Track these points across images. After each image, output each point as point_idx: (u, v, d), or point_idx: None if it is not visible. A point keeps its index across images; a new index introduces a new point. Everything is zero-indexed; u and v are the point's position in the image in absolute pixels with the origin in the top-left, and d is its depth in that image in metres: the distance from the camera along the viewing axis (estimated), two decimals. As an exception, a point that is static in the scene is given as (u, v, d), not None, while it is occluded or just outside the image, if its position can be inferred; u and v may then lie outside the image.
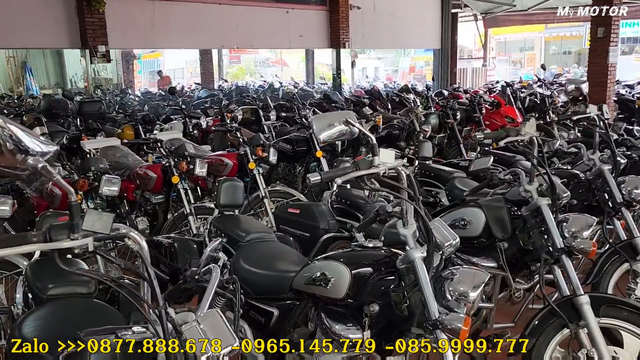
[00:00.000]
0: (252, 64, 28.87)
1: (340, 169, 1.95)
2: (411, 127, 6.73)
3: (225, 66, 26.75)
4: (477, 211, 2.71)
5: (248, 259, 2.42)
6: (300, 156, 5.45)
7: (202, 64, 17.08)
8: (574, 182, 3.46)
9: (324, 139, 2.07)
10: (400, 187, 1.99)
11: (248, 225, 2.82)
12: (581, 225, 2.57)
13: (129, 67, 20.07)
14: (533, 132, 2.78)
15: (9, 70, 19.26)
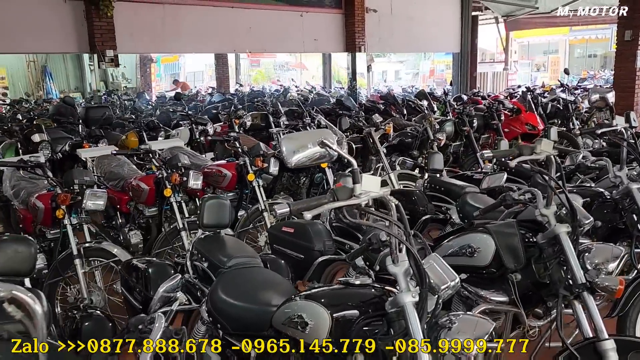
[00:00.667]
0: (271, 67, 28.74)
1: (314, 199, 1.65)
2: (425, 135, 6.41)
3: (245, 70, 26.71)
4: (486, 237, 2.39)
5: (227, 289, 2.18)
6: (304, 166, 5.16)
7: (218, 68, 16.94)
8: (598, 202, 3.14)
9: (296, 164, 1.79)
10: (388, 219, 1.71)
11: (232, 248, 2.58)
12: (606, 256, 2.27)
13: (147, 70, 20.07)
14: (550, 151, 2.46)
15: (30, 74, 19.45)
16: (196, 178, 4.03)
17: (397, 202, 1.82)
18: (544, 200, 2.34)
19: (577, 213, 2.24)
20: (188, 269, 2.57)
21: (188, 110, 10.20)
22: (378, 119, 5.53)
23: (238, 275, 2.31)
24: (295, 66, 28.10)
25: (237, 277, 2.29)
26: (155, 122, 6.99)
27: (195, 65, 25.10)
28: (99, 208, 3.50)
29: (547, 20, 15.81)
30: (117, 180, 4.54)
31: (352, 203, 1.72)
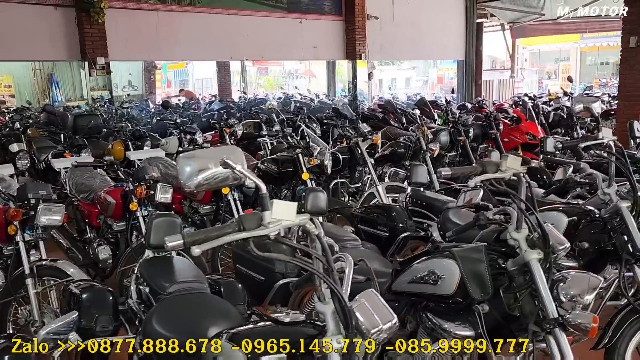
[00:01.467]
0: (280, 75, 28.62)
1: (214, 229, 1.43)
2: (417, 145, 6.18)
3: (254, 78, 26.58)
4: (450, 263, 2.16)
5: (161, 319, 1.98)
6: (287, 177, 4.96)
7: (220, 76, 16.84)
8: (585, 221, 2.88)
9: (196, 187, 1.56)
10: None
11: (177, 271, 2.38)
12: (582, 287, 2.04)
13: (151, 77, 20.04)
14: (518, 168, 2.24)
15: (36, 82, 19.54)
16: (164, 191, 3.83)
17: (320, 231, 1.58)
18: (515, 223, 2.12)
19: (549, 238, 2.01)
20: (132, 293, 2.39)
21: (182, 118, 10.09)
22: (366, 129, 5.31)
23: (176, 303, 2.10)
24: (303, 73, 27.95)
25: (174, 305, 2.09)
26: (141, 131, 6.82)
27: (204, 72, 25.09)
28: (54, 224, 3.26)
29: (553, 27, 15.52)
30: (88, 192, 4.35)
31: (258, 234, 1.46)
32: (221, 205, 4.39)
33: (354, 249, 2.67)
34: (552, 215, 2.89)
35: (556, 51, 26.30)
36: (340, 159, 5.46)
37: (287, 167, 4.88)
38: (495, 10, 15.33)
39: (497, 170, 1.97)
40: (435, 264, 2.21)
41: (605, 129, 2.78)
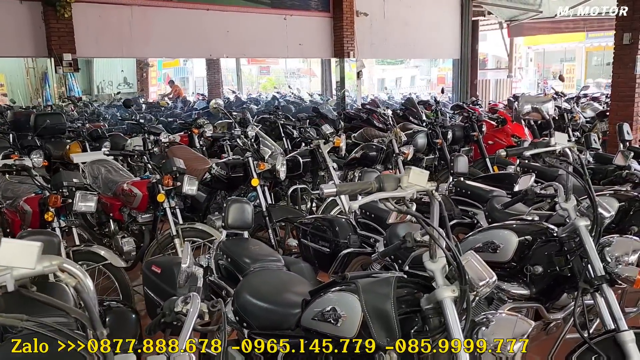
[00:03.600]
0: (282, 75, 28.20)
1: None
2: (390, 147, 5.78)
3: (253, 77, 26.17)
4: (353, 299, 1.78)
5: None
6: (239, 183, 4.57)
7: (209, 74, 16.47)
8: (541, 240, 2.48)
9: None
10: None
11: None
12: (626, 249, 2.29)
13: (143, 75, 19.71)
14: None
15: (28, 81, 19.32)
16: (83, 200, 3.47)
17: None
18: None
19: (465, 272, 1.66)
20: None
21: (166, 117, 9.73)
22: (328, 130, 4.90)
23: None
24: (304, 72, 27.51)
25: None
26: (99, 131, 6.45)
27: (204, 71, 24.68)
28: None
29: (551, 26, 15.04)
30: (12, 198, 4.06)
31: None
32: (159, 215, 4.01)
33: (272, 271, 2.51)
34: (500, 233, 2.51)
35: (561, 51, 25.82)
36: (300, 163, 5.07)
37: (237, 171, 4.49)
38: (492, 7, 14.86)
39: (397, 187, 1.57)
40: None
41: (559, 134, 2.37)
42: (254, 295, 2.17)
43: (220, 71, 16.54)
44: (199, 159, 5.12)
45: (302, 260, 2.82)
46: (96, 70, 19.51)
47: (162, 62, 22.44)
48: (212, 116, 8.93)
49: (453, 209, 3.74)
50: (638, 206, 3.08)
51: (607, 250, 2.33)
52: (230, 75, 22.82)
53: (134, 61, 18.25)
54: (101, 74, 19.98)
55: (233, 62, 20.50)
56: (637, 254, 2.29)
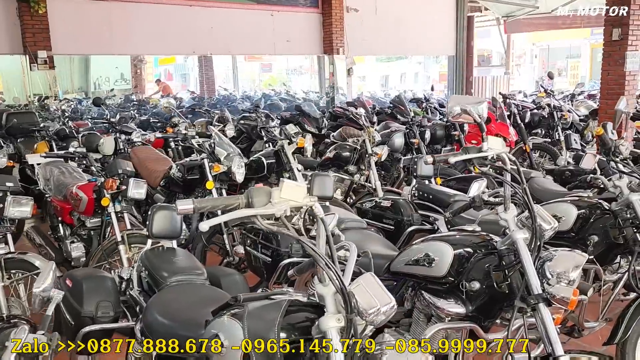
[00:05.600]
0: (284, 72, 27.95)
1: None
2: (363, 148, 5.57)
3: (254, 74, 25.94)
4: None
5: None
6: (196, 185, 4.37)
7: (201, 71, 16.28)
8: (479, 253, 2.27)
9: None
10: None
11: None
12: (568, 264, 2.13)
13: (137, 72, 19.57)
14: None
15: (25, 79, 19.26)
16: (15, 205, 3.29)
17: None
18: None
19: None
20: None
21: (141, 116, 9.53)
22: (292, 130, 4.70)
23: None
24: (307, 70, 27.20)
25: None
26: (66, 130, 6.27)
27: None
28: None
29: (548, 22, 14.74)
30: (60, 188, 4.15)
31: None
32: (106, 219, 3.83)
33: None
34: (436, 245, 2.31)
35: (566, 47, 25.48)
36: (264, 164, 4.88)
37: (193, 174, 4.29)
38: (488, 3, 14.59)
39: (267, 202, 1.38)
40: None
41: (493, 139, 2.15)
42: (161, 312, 2.03)
43: (212, 68, 16.35)
44: (160, 160, 4.94)
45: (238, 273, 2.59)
46: (93, 67, 19.53)
47: (157, 59, 22.33)
48: (197, 114, 8.75)
49: (412, 214, 3.62)
50: (599, 214, 2.87)
51: (548, 265, 2.13)
52: (226, 73, 22.64)
53: (129, 58, 18.15)
54: (98, 71, 20.00)
55: (228, 59, 20.33)
56: (579, 270, 2.08)
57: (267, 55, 13.31)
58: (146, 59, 20.12)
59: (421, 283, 2.36)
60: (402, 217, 3.57)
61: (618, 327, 2.49)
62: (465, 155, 2.10)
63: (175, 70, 24.72)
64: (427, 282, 2.32)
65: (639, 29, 7.00)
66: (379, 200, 3.80)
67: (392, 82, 24.74)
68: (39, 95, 8.96)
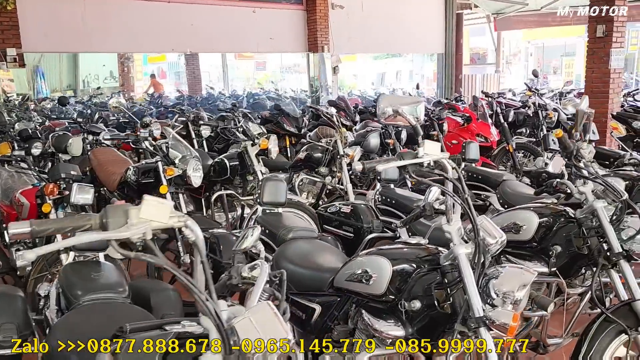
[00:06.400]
0: (278, 70, 27.68)
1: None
2: (335, 149, 5.37)
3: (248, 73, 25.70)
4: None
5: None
6: (151, 189, 4.15)
7: (188, 69, 16.05)
8: (423, 270, 2.07)
9: None
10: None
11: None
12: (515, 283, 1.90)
13: (124, 70, 19.36)
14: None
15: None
16: None
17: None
18: None
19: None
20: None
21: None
22: (255, 131, 4.48)
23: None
24: (303, 68, 26.88)
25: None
26: (29, 130, 6.05)
27: (204, 65, 24.22)
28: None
29: (538, 19, 14.55)
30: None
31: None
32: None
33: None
34: (376, 261, 2.10)
35: (562, 45, 25.33)
36: (227, 167, 4.67)
37: (148, 177, 4.08)
38: (477, 0, 14.42)
39: (125, 223, 1.17)
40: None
41: (430, 143, 1.94)
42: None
43: (199, 66, 16.13)
44: (120, 161, 4.71)
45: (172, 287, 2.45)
46: (82, 64, 19.37)
47: (147, 56, 22.09)
48: (175, 114, 8.53)
49: (372, 220, 3.43)
50: (563, 222, 2.67)
51: (494, 283, 1.93)
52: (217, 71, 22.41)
53: (116, 55, 17.95)
54: (87, 68, 19.83)
55: (218, 57, 20.10)
56: (526, 288, 1.88)
57: (250, 52, 13.05)
58: (134, 56, 19.94)
59: (362, 301, 2.16)
60: (361, 223, 3.37)
61: (581, 344, 2.38)
62: (398, 161, 1.89)
63: (169, 68, 24.49)
64: (367, 300, 2.12)
65: (623, 25, 6.81)
66: (339, 206, 3.59)
67: (389, 79, 24.54)
68: (23, 95, 8.76)
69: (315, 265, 2.45)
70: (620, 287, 2.44)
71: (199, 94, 14.66)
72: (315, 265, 2.45)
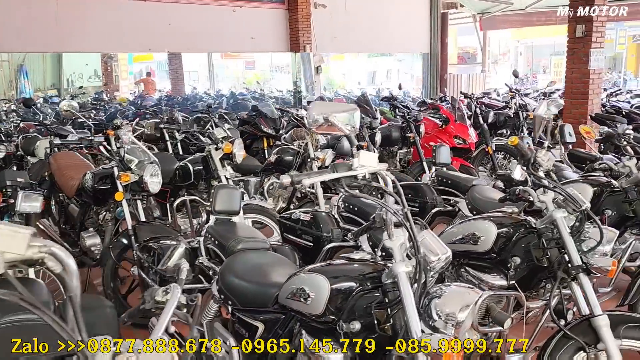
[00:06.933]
0: (267, 70, 27.45)
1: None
2: (306, 152, 5.24)
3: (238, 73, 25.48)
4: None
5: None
6: (107, 196, 3.98)
7: (171, 69, 15.84)
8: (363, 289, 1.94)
9: None
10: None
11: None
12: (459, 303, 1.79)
13: (107, 69, 19.11)
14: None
15: (2, 73, 18.90)
16: None
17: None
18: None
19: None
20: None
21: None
22: (220, 134, 4.33)
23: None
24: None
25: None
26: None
27: (191, 64, 23.95)
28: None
29: (523, 19, 14.49)
30: None
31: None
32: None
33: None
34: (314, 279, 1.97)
35: (551, 45, 25.36)
36: (191, 171, 4.52)
37: (106, 183, 3.92)
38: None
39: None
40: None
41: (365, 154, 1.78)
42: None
43: (182, 66, 15.92)
44: (80, 166, 4.54)
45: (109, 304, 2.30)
46: (66, 63, 19.15)
47: (132, 56, 21.82)
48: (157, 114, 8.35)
49: (333, 229, 3.31)
50: (523, 233, 2.55)
51: (436, 303, 1.80)
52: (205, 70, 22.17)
53: (99, 54, 17.72)
54: (71, 67, 19.60)
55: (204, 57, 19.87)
56: (468, 309, 1.75)
57: (230, 52, 12.89)
58: (119, 55, 19.69)
59: (304, 320, 2.02)
60: (320, 232, 3.22)
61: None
62: (331, 174, 1.74)
63: (157, 67, 24.22)
64: (309, 320, 1.99)
65: (603, 25, 6.72)
66: (299, 214, 3.45)
67: (380, 78, 24.41)
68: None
69: (261, 280, 2.31)
70: (582, 301, 2.35)
71: (182, 94, 14.47)
72: (261, 280, 2.31)
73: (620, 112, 7.07)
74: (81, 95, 14.08)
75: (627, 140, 3.29)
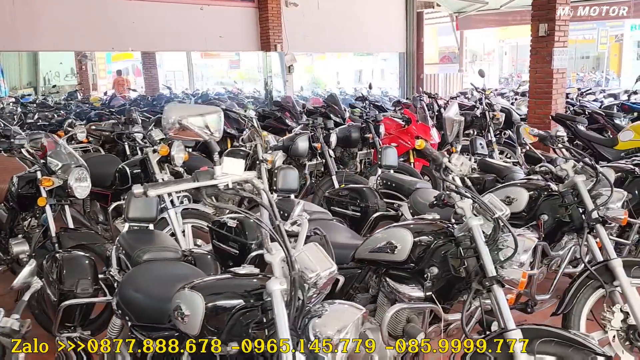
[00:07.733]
0: (254, 69, 27.18)
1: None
2: (255, 154, 5.08)
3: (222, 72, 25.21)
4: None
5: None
6: (31, 202, 3.79)
7: (145, 68, 15.55)
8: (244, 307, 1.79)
9: None
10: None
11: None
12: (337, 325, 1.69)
13: (82, 68, 18.78)
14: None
15: (-21, 74, 18.58)
16: None
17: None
18: None
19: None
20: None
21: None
22: (157, 136, 4.15)
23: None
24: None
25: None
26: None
27: (175, 64, 23.59)
28: None
29: (498, 18, 14.44)
30: None
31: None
32: None
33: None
34: (189, 295, 1.81)
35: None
36: (128, 175, 4.34)
37: (28, 189, 3.73)
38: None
39: None
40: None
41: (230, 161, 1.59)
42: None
43: (156, 66, 15.63)
44: (10, 170, 4.34)
45: None
46: (42, 62, 18.83)
47: (110, 55, 21.49)
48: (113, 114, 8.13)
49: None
50: (441, 242, 2.41)
51: (315, 324, 1.65)
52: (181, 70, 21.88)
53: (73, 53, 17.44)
54: (48, 65, 19.27)
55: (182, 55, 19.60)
56: (345, 331, 1.61)
57: (198, 51, 12.68)
58: (96, 54, 19.38)
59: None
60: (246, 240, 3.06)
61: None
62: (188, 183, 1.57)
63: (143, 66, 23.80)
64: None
65: (566, 24, 6.63)
66: (227, 220, 3.29)
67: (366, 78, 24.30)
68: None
69: (157, 294, 2.14)
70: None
71: (155, 94, 14.22)
72: (157, 294, 2.14)
73: (583, 111, 6.99)
74: (55, 94, 13.80)
75: (561, 142, 3.16)
